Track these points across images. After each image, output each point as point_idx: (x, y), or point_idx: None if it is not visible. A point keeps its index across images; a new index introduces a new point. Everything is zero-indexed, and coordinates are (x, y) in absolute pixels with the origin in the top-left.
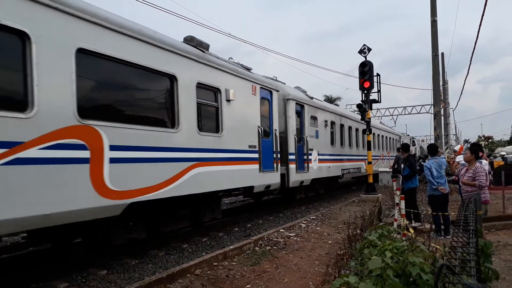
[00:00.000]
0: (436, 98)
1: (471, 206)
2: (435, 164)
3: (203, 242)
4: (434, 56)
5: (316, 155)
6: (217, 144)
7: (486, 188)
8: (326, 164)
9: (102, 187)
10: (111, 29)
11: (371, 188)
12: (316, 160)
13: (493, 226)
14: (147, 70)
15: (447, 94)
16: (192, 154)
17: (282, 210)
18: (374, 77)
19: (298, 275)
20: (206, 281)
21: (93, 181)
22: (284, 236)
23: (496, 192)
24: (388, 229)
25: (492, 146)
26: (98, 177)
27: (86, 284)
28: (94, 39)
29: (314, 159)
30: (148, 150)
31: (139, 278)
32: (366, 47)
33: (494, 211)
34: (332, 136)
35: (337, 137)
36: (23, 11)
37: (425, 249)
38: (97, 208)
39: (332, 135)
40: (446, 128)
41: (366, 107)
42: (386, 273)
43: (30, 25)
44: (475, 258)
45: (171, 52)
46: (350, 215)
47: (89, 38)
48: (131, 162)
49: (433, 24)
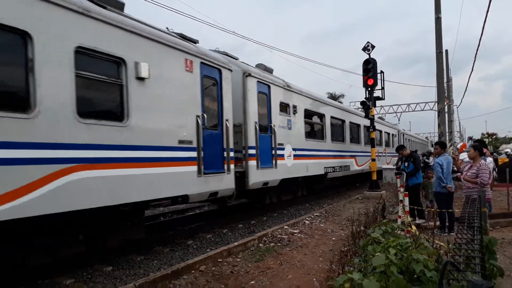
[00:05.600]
0: (440, 95)
1: (476, 203)
2: (446, 161)
3: (207, 238)
4: (438, 53)
5: (290, 150)
6: (120, 138)
7: (488, 186)
8: (304, 160)
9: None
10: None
11: (375, 185)
12: (291, 156)
13: (498, 223)
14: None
15: (451, 91)
16: (65, 153)
17: (286, 207)
18: (378, 74)
19: (302, 271)
20: (211, 277)
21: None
22: (288, 233)
23: (500, 189)
24: (392, 226)
25: (497, 143)
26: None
27: (92, 280)
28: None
29: (287, 155)
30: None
31: (144, 274)
32: (370, 44)
33: (499, 208)
34: (311, 128)
35: (318, 129)
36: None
37: (429, 246)
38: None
39: (312, 127)
40: (450, 125)
41: (370, 104)
42: (390, 270)
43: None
44: (479, 255)
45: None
46: (353, 212)
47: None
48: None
49: (437, 21)
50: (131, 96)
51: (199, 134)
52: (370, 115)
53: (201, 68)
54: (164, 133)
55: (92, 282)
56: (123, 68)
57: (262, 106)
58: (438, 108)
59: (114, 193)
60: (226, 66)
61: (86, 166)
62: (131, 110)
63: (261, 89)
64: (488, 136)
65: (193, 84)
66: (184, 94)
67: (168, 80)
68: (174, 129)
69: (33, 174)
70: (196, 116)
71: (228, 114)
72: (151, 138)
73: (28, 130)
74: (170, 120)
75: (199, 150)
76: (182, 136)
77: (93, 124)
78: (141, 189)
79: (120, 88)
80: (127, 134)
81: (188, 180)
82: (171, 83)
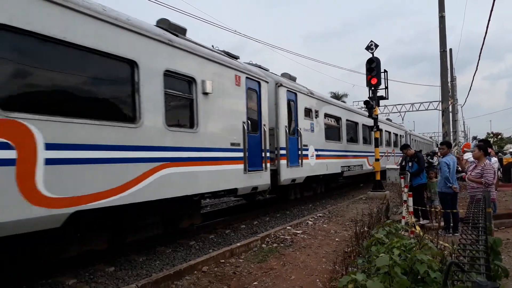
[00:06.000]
0: (444, 94)
1: (480, 204)
2: (452, 161)
3: (210, 239)
4: (442, 52)
5: (312, 151)
6: (193, 141)
7: (492, 186)
8: (324, 160)
9: (34, 194)
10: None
11: (379, 186)
12: (313, 156)
13: (502, 224)
14: (100, 54)
15: (455, 90)
16: (157, 153)
17: (289, 207)
18: (381, 74)
19: (305, 272)
20: (213, 278)
21: (21, 186)
22: (291, 233)
23: (505, 189)
24: (395, 226)
25: (501, 143)
26: (27, 182)
27: (94, 280)
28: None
29: (311, 155)
30: (98, 149)
31: (147, 274)
32: (373, 43)
33: (504, 208)
34: (330, 130)
35: (335, 132)
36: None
37: (433, 246)
38: (27, 220)
39: (330, 129)
40: (455, 124)
41: (374, 103)
42: (394, 271)
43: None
44: (484, 256)
45: (131, 31)
46: (357, 213)
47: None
48: (75, 163)
49: (441, 20)
50: (199, 108)
51: (245, 138)
52: (373, 114)
53: (246, 81)
54: (221, 137)
55: (94, 283)
56: (193, 85)
57: (290, 111)
58: (442, 107)
59: (189, 185)
60: (264, 78)
61: (171, 164)
62: (199, 119)
63: (289, 97)
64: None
65: (241, 95)
66: (234, 104)
67: (224, 94)
68: (228, 134)
69: (137, 170)
70: (243, 122)
71: (265, 119)
72: (213, 141)
73: (131, 135)
74: (225, 126)
75: (245, 151)
76: (233, 140)
77: (175, 131)
78: (206, 182)
79: (191, 101)
80: (196, 138)
81: (237, 176)
82: (226, 96)
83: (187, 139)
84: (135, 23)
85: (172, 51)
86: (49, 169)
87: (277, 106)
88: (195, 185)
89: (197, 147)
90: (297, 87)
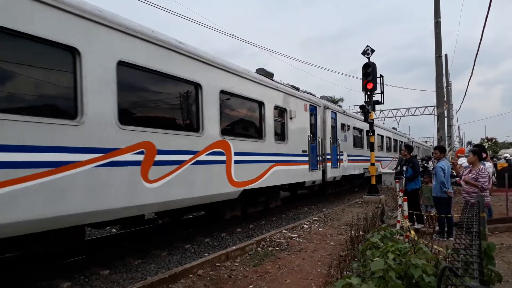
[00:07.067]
0: (440, 99)
1: (475, 208)
2: (447, 165)
3: (205, 242)
4: (437, 58)
5: (346, 156)
6: (285, 149)
7: (487, 191)
8: (353, 163)
9: (231, 179)
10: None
11: (374, 190)
12: (346, 160)
13: (497, 228)
14: (249, 100)
15: (450, 95)
16: (271, 157)
17: (285, 211)
18: (377, 78)
19: (300, 276)
20: (209, 282)
21: (228, 176)
22: (287, 237)
23: (499, 194)
24: (390, 230)
25: (496, 148)
26: (229, 173)
27: (89, 283)
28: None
29: (344, 159)
30: (251, 155)
31: (142, 278)
32: (369, 48)
33: (498, 213)
34: (356, 139)
35: (359, 141)
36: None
37: (428, 251)
38: (228, 193)
39: (356, 139)
40: (450, 129)
41: (369, 108)
42: (389, 275)
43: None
44: (478, 260)
45: (261, 85)
46: (352, 217)
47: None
48: (243, 163)
49: (437, 25)
50: (288, 128)
51: (309, 147)
52: (369, 119)
53: (310, 108)
54: (298, 146)
55: (89, 286)
56: (285, 113)
57: (332, 126)
58: (437, 112)
59: (284, 178)
60: (319, 104)
61: (277, 164)
62: (288, 135)
63: (332, 116)
64: (488, 141)
65: (307, 117)
66: (303, 123)
67: (299, 117)
68: (300, 144)
69: (264, 167)
70: (308, 136)
71: (319, 133)
72: (294, 149)
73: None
74: (299, 139)
75: (309, 156)
76: (303, 148)
77: (278, 143)
78: (291, 176)
79: (283, 124)
80: (286, 147)
81: (305, 173)
82: (300, 119)
83: (283, 148)
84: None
85: (276, 93)
86: (235, 167)
87: (325, 123)
88: (286, 178)
89: (287, 153)
90: (337, 108)
